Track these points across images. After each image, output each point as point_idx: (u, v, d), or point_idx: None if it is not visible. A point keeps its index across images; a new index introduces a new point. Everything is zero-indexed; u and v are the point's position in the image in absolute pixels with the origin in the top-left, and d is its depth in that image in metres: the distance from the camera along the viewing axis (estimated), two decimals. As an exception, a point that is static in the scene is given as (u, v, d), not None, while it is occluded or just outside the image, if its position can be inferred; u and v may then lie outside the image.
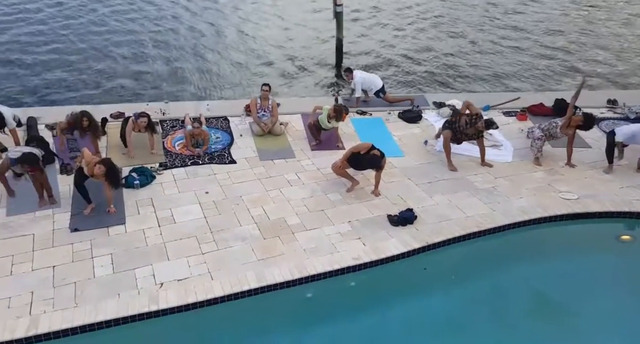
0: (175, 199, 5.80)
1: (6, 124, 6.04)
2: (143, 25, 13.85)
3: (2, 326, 3.88)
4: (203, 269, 4.73)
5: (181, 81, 10.55)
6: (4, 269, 4.50)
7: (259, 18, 15.39)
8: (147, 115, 6.53)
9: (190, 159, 6.66)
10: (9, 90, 9.32)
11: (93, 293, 4.35)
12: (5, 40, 11.87)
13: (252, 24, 14.75)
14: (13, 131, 6.11)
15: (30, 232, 5.01)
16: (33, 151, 5.32)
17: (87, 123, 6.26)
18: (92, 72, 10.56)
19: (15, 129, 6.16)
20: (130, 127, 6.55)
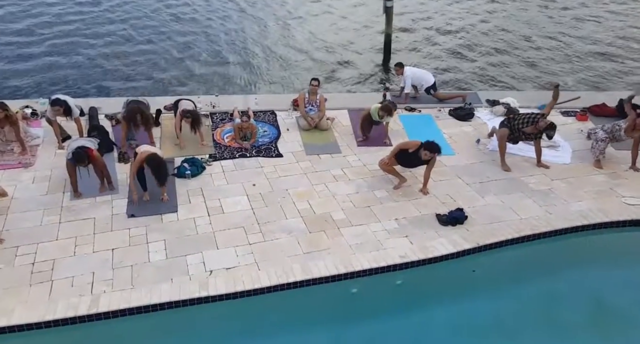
0: (223, 190, 5.97)
1: (71, 113, 6.43)
2: (195, 20, 14.26)
3: (66, 303, 4.14)
4: (250, 259, 4.84)
5: (231, 75, 10.80)
6: (68, 250, 4.80)
7: (307, 12, 15.46)
8: (193, 115, 6.65)
9: (238, 151, 6.82)
10: (73, 81, 9.89)
11: (148, 276, 4.55)
12: (70, 34, 12.59)
13: (300, 19, 14.85)
14: (77, 119, 6.50)
15: (92, 216, 5.30)
16: (85, 144, 5.53)
17: (141, 119, 6.49)
18: (148, 65, 10.99)
19: (78, 118, 6.55)
20: (178, 121, 6.77)
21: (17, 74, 9.77)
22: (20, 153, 6.04)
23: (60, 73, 9.88)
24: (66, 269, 4.55)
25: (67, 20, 12.82)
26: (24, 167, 5.93)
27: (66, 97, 6.58)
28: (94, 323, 4.08)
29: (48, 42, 11.55)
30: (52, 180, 5.79)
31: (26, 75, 9.67)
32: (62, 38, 11.59)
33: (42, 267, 4.54)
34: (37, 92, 8.88)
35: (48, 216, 5.22)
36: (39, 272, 4.47)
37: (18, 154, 6.04)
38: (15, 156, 6.03)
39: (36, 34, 11.77)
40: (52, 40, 11.64)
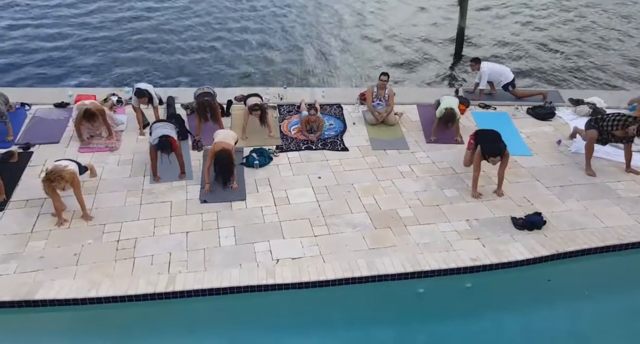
0: (290, 181, 6.12)
1: (153, 102, 6.88)
2: (270, 12, 14.40)
3: (146, 280, 4.48)
4: (315, 251, 4.94)
5: (300, 67, 10.90)
6: (148, 230, 5.17)
7: (383, 4, 15.18)
8: (261, 108, 6.84)
9: (304, 143, 6.95)
10: (153, 71, 10.46)
11: (219, 260, 4.80)
12: (151, 28, 13.31)
13: (371, 11, 14.66)
14: (156, 108, 6.94)
15: (169, 200, 5.66)
16: (170, 134, 5.86)
17: (210, 113, 6.75)
18: (221, 56, 11.34)
19: (157, 106, 6.99)
20: (246, 115, 7.00)
21: (105, 64, 10.56)
22: (107, 138, 6.57)
23: (142, 64, 10.52)
24: (146, 248, 4.90)
25: (147, 16, 13.54)
26: (110, 150, 6.45)
27: (148, 86, 7.03)
28: (170, 301, 4.37)
29: (131, 36, 12.25)
30: (134, 164, 6.25)
31: (114, 65, 10.42)
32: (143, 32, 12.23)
33: (125, 245, 4.93)
34: (122, 81, 9.55)
35: (130, 197, 5.64)
36: (123, 249, 4.86)
37: (105, 138, 6.58)
38: (103, 140, 6.57)
39: (120, 28, 12.59)
40: (135, 35, 12.33)
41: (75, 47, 10.96)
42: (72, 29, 11.88)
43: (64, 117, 7.05)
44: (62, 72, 9.79)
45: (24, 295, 4.15)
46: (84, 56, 10.58)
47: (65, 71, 9.81)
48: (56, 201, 5.06)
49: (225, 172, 5.72)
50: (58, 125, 6.84)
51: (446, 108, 6.63)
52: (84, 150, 6.42)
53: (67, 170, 4.99)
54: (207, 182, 5.79)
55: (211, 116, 6.74)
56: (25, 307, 4.13)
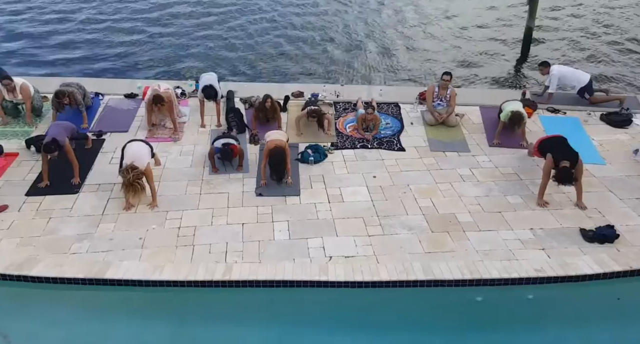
0: (344, 179, 6.16)
1: (217, 98, 7.16)
2: (332, 7, 14.47)
3: (205, 267, 4.69)
4: (369, 250, 4.96)
5: (359, 65, 10.89)
6: (206, 219, 5.40)
7: (445, 3, 14.85)
8: (317, 115, 6.96)
9: (360, 142, 6.96)
10: (214, 65, 10.82)
11: (273, 253, 4.93)
12: (215, 23, 13.79)
13: (437, 8, 14.35)
14: (218, 103, 7.22)
15: (226, 191, 5.88)
16: (232, 142, 6.13)
17: (270, 110, 6.98)
18: (279, 52, 11.51)
19: (219, 100, 7.26)
20: (304, 116, 7.12)
21: (172, 58, 11.06)
22: (171, 129, 6.92)
23: (205, 58, 10.91)
24: (205, 237, 5.12)
25: (213, 12, 13.96)
26: (173, 141, 6.79)
27: (212, 78, 7.30)
28: (226, 289, 4.55)
29: (197, 32, 12.63)
30: (195, 155, 6.53)
31: (180, 59, 10.88)
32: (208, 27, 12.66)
33: (185, 232, 5.18)
34: (185, 74, 9.98)
35: (191, 187, 5.90)
36: (183, 236, 5.12)
37: (169, 129, 6.93)
38: (167, 130, 6.93)
39: (187, 23, 13.06)
40: (201, 31, 12.76)
41: (145, 41, 11.49)
42: (143, 24, 12.46)
43: (133, 107, 7.49)
44: (132, 64, 10.36)
45: (95, 273, 4.48)
46: (153, 50, 11.09)
47: (135, 64, 10.37)
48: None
49: (278, 169, 5.86)
50: (127, 115, 7.28)
51: (512, 111, 6.41)
52: (150, 139, 6.75)
53: (142, 173, 5.30)
54: (263, 179, 5.97)
55: (270, 113, 7.00)
56: (96, 285, 4.46)
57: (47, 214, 5.19)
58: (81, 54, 10.76)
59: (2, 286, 4.34)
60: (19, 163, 5.96)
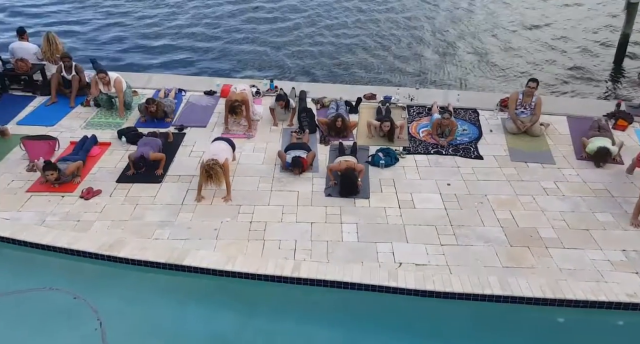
0: (416, 184, 6.12)
1: (289, 106, 7.41)
2: (420, 11, 14.43)
3: (274, 263, 4.88)
4: (441, 260, 4.90)
5: (434, 68, 10.78)
6: (276, 216, 5.61)
7: (540, 7, 14.30)
8: (388, 120, 6.95)
9: (434, 147, 6.88)
10: (289, 66, 11.14)
11: (341, 254, 5.02)
12: (292, 25, 14.15)
13: (530, 13, 13.83)
14: (293, 111, 7.46)
15: (296, 189, 6.06)
16: (302, 155, 6.31)
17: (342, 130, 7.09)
18: (353, 53, 11.62)
19: (295, 109, 7.48)
20: (376, 124, 7.15)
21: (253, 58, 11.56)
22: (246, 126, 7.27)
23: (283, 58, 11.32)
24: (275, 233, 5.32)
25: (288, 17, 14.44)
26: (247, 138, 7.12)
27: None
28: (294, 286, 4.71)
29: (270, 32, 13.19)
30: (267, 152, 6.80)
31: (259, 58, 11.35)
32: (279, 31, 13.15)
33: (257, 226, 5.41)
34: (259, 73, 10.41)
35: (262, 183, 6.15)
36: (255, 230, 5.35)
37: (244, 126, 7.28)
38: (241, 128, 7.28)
39: (268, 25, 13.53)
40: (269, 31, 13.34)
41: (229, 40, 12.03)
42: (229, 24, 13.07)
43: (211, 104, 7.95)
44: (214, 62, 10.95)
45: (174, 259, 4.82)
46: (236, 49, 11.58)
47: (218, 62, 10.95)
48: (202, 180, 5.74)
49: (349, 189, 5.90)
50: (206, 111, 7.74)
51: (600, 146, 6.04)
52: (225, 135, 7.16)
53: (220, 164, 5.61)
54: (332, 179, 6.09)
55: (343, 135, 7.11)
56: (174, 270, 4.80)
57: (134, 200, 5.66)
58: (168, 50, 11.46)
59: (94, 264, 4.81)
60: (111, 152, 6.54)
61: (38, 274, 4.70)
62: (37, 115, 7.22)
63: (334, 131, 7.11)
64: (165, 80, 8.56)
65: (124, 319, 4.31)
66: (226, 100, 7.24)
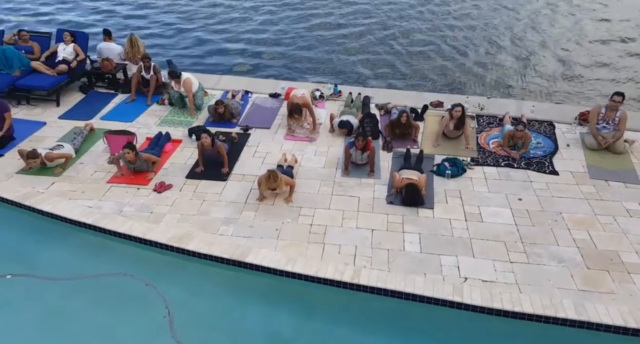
0: (484, 197, 5.95)
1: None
2: (497, 15, 14.11)
3: (334, 267, 4.92)
4: (510, 278, 4.72)
5: (508, 77, 10.36)
6: (337, 220, 5.65)
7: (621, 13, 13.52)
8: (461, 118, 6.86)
9: (504, 159, 6.65)
10: (356, 70, 11.16)
11: (403, 264, 4.97)
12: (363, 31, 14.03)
13: (624, 22, 13.05)
14: (360, 118, 7.52)
15: (357, 195, 6.09)
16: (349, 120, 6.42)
17: (406, 128, 7.11)
18: (424, 57, 11.39)
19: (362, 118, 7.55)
20: (445, 121, 7.04)
21: (321, 61, 11.75)
22: (310, 130, 7.41)
23: (344, 63, 11.43)
24: (335, 237, 5.37)
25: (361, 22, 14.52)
26: (309, 141, 7.25)
27: (350, 118, 7.39)
28: (354, 292, 4.72)
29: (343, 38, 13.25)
30: (328, 156, 6.88)
31: (327, 62, 11.51)
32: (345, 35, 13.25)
33: (317, 230, 5.49)
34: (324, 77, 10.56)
35: (323, 187, 6.23)
36: (315, 233, 5.43)
37: (307, 129, 7.42)
38: (304, 131, 7.43)
39: (345, 29, 13.65)
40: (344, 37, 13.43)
41: (297, 45, 12.23)
42: (298, 28, 13.33)
43: (275, 106, 8.19)
44: (280, 65, 11.22)
45: (237, 256, 5.00)
46: (303, 53, 11.77)
47: (284, 65, 11.22)
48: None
49: (412, 199, 5.82)
50: (271, 113, 7.98)
51: None
52: (289, 138, 7.34)
53: (283, 180, 5.77)
54: (395, 187, 6.05)
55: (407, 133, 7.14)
56: (237, 266, 4.97)
57: (201, 196, 5.93)
58: (238, 53, 11.88)
59: (163, 254, 5.10)
60: (182, 149, 6.91)
61: (114, 260, 5.06)
62: (117, 111, 7.79)
63: (398, 129, 7.06)
64: (233, 81, 8.93)
65: (189, 310, 4.53)
66: (287, 103, 7.44)
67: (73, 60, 8.04)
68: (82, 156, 6.60)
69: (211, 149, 6.29)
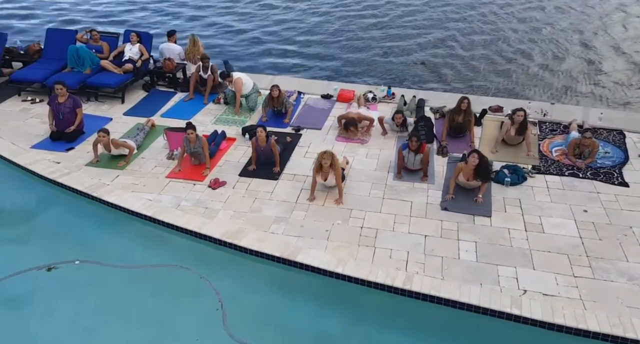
0: (546, 207, 5.70)
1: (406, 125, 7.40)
2: (566, 16, 13.64)
3: (385, 272, 4.86)
4: (574, 293, 4.48)
5: (574, 82, 9.93)
6: (388, 224, 5.59)
7: None
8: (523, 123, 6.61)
9: (569, 169, 6.33)
10: (410, 74, 11.04)
11: (457, 273, 4.84)
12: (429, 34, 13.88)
13: None
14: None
15: (409, 200, 5.99)
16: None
17: (466, 116, 7.01)
18: (486, 62, 11.16)
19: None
20: (506, 126, 6.79)
21: (376, 63, 11.67)
22: (362, 132, 7.39)
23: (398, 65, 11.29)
24: (386, 241, 5.31)
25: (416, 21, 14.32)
26: (360, 143, 7.23)
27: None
28: (406, 298, 4.64)
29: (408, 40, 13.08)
30: (380, 159, 6.83)
31: (383, 65, 11.41)
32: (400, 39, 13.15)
33: (368, 232, 5.45)
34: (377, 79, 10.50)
35: (374, 190, 6.17)
36: (365, 236, 5.39)
37: (360, 132, 7.40)
38: (357, 133, 7.40)
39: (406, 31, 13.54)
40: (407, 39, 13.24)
41: (350, 46, 12.31)
42: (352, 29, 13.38)
43: (327, 107, 8.23)
44: (333, 65, 11.32)
45: (288, 254, 5.05)
46: (357, 54, 11.81)
47: (336, 65, 11.31)
48: (314, 179, 5.96)
49: (481, 168, 5.74)
50: (322, 114, 8.03)
51: None
52: (340, 139, 7.34)
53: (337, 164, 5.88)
54: (450, 192, 5.91)
55: (466, 128, 7.06)
56: (287, 265, 5.03)
57: (253, 194, 6.06)
58: (294, 54, 12.05)
59: (216, 249, 5.25)
60: (235, 147, 7.10)
61: (170, 251, 5.26)
62: (176, 109, 8.12)
63: (457, 117, 6.98)
64: (286, 82, 9.07)
65: (240, 305, 4.62)
66: (341, 116, 7.46)
67: (138, 59, 8.48)
68: (144, 151, 6.93)
69: (265, 145, 6.42)
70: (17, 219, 5.90)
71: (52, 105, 7.08)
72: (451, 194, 5.89)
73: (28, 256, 5.13)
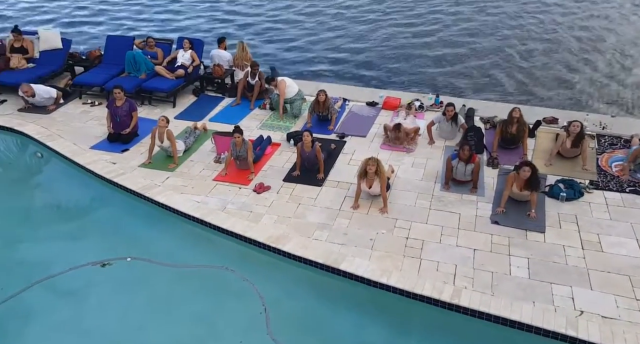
0: (605, 225, 5.41)
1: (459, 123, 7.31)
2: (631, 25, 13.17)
3: (431, 285, 4.75)
4: (636, 316, 4.22)
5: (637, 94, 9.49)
6: (435, 236, 5.46)
7: None
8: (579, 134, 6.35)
9: (630, 185, 5.99)
10: (459, 84, 10.81)
11: (508, 289, 4.66)
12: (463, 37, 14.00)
13: None
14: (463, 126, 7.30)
15: (457, 211, 5.84)
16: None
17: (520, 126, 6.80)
18: (545, 70, 10.82)
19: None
20: (562, 139, 6.53)
21: (424, 71, 11.54)
22: (409, 139, 7.30)
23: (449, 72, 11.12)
24: (433, 253, 5.19)
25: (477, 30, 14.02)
26: (406, 152, 7.14)
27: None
28: (453, 313, 4.51)
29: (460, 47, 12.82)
30: (427, 169, 6.70)
31: (432, 72, 11.26)
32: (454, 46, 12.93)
33: (413, 243, 5.35)
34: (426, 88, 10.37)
35: (420, 200, 6.06)
36: (411, 247, 5.29)
37: (405, 141, 7.31)
38: (403, 142, 7.32)
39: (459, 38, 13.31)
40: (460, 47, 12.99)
41: (398, 53, 12.19)
42: (400, 37, 13.28)
43: (372, 114, 8.19)
44: (381, 73, 11.25)
45: (331, 262, 5.03)
46: (405, 61, 11.70)
47: (382, 72, 11.25)
48: (359, 187, 5.92)
49: (532, 178, 5.55)
50: (367, 121, 8.00)
51: None
52: (385, 147, 7.28)
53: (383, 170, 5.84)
54: (502, 206, 5.71)
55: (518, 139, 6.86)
56: (330, 272, 5.00)
57: (297, 200, 6.09)
58: (343, 62, 12.05)
59: (260, 253, 5.31)
60: (280, 152, 7.18)
61: (216, 253, 5.37)
62: (224, 114, 8.31)
63: (508, 134, 6.79)
64: (331, 88, 9.08)
65: (282, 310, 4.65)
66: (387, 125, 7.40)
67: (190, 65, 8.77)
68: (193, 154, 7.13)
69: (310, 150, 6.45)
70: (75, 215, 6.21)
71: (110, 108, 7.44)
72: (502, 207, 5.70)
73: (84, 251, 5.38)
